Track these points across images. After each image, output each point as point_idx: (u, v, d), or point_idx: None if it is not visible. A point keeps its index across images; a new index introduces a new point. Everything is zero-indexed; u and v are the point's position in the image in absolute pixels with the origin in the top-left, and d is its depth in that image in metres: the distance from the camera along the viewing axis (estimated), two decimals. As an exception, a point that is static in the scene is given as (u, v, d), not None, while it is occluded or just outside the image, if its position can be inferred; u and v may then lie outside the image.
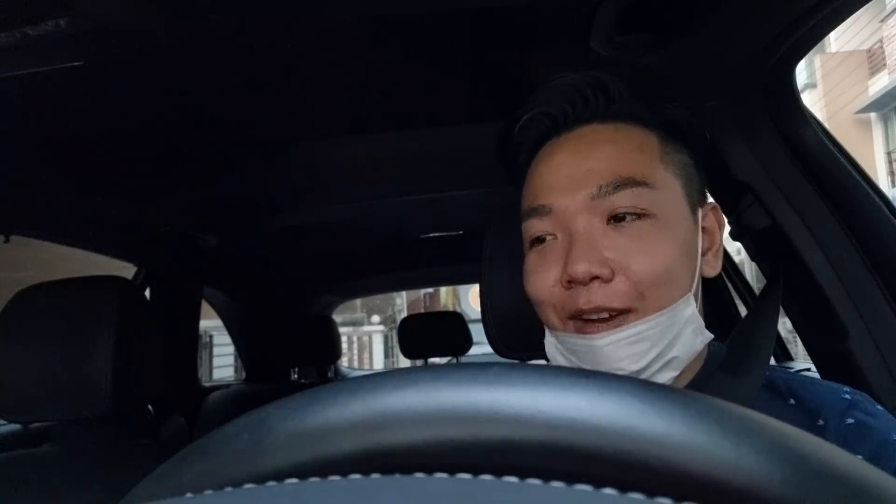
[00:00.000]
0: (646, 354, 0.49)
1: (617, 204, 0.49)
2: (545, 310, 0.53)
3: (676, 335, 0.49)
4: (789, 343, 1.46)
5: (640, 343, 0.49)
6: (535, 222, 0.53)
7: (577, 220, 0.50)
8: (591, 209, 0.50)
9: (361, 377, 0.20)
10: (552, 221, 0.52)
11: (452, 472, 0.15)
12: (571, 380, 0.18)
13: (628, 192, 0.49)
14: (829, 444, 0.17)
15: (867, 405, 0.51)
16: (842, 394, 0.52)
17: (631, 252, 0.49)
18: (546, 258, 0.52)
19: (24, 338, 0.86)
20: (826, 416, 0.50)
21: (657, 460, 0.16)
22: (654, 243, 0.49)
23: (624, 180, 0.49)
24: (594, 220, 0.50)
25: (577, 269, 0.48)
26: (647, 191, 0.50)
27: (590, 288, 0.49)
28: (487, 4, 0.71)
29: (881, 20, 10.34)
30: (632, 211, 0.49)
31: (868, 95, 11.10)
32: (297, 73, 0.88)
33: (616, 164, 0.50)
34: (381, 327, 12.40)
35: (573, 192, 0.51)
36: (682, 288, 0.50)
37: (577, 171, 0.51)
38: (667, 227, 0.50)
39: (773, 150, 0.81)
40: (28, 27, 0.61)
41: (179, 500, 0.17)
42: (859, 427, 0.49)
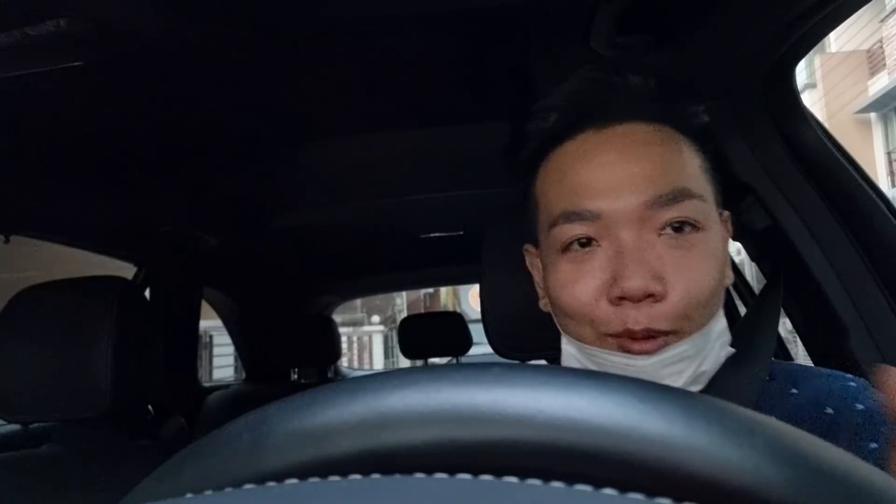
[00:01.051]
0: (683, 372, 0.47)
1: (673, 215, 0.46)
2: (581, 324, 0.49)
3: (709, 351, 0.48)
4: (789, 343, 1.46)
5: (679, 363, 0.47)
6: (574, 227, 0.48)
7: (629, 230, 0.46)
8: (644, 219, 0.46)
9: (361, 377, 0.20)
10: (597, 227, 0.48)
11: (452, 473, 0.15)
12: (572, 380, 0.18)
13: (687, 203, 0.46)
14: (829, 445, 0.17)
15: (871, 391, 0.51)
16: (847, 381, 0.52)
17: (684, 269, 0.46)
18: (585, 267, 0.48)
19: (25, 338, 0.86)
20: (835, 405, 0.50)
21: (657, 461, 0.16)
22: (703, 258, 0.47)
23: (681, 192, 0.46)
24: (645, 231, 0.46)
25: (632, 285, 0.44)
26: (699, 203, 0.47)
27: (639, 307, 0.45)
28: (487, 4, 0.71)
29: (881, 20, 10.34)
30: (691, 222, 0.46)
31: (868, 95, 11.11)
32: (298, 73, 0.88)
33: (671, 171, 0.47)
34: (381, 327, 12.40)
35: (625, 197, 0.47)
36: (718, 304, 0.49)
37: (629, 173, 0.47)
38: (710, 241, 0.48)
39: (773, 151, 0.81)
40: (28, 27, 0.61)
41: (179, 500, 0.17)
42: (870, 412, 0.48)
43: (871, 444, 0.47)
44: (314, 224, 1.68)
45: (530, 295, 0.58)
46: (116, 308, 0.87)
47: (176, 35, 0.71)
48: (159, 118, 0.96)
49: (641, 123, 0.50)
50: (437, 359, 2.44)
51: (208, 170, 1.23)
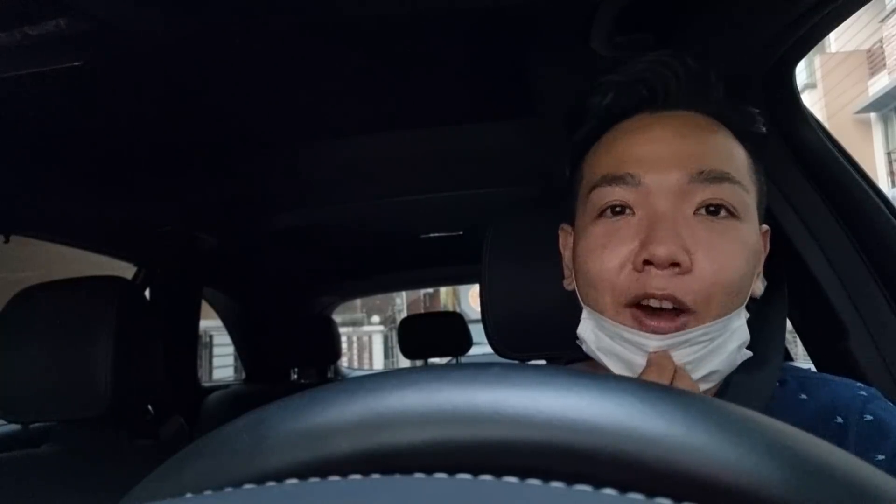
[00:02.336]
0: (685, 358, 0.46)
1: (711, 195, 0.46)
2: (602, 292, 0.49)
3: (721, 345, 0.47)
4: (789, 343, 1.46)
5: (691, 347, 0.46)
6: (615, 190, 0.48)
7: (666, 201, 0.46)
8: (684, 193, 0.46)
9: (361, 377, 0.20)
10: (636, 194, 0.47)
11: (452, 473, 0.15)
12: (571, 380, 0.18)
13: (726, 186, 0.46)
14: (829, 445, 0.17)
15: (881, 401, 0.51)
16: (857, 390, 0.52)
17: (714, 249, 0.45)
18: (617, 234, 0.48)
19: (25, 338, 0.86)
20: (845, 414, 0.50)
21: (657, 461, 0.16)
22: (736, 246, 0.46)
23: (723, 173, 0.46)
24: (684, 206, 0.46)
25: (659, 250, 0.44)
26: (741, 191, 0.47)
27: (664, 274, 0.45)
28: (487, 5, 0.71)
29: (881, 20, 10.34)
30: (727, 205, 0.46)
31: (868, 96, 11.10)
32: (298, 73, 0.88)
33: (718, 155, 0.48)
34: (381, 327, 12.40)
35: (668, 169, 0.47)
36: (741, 300, 0.48)
37: (676, 149, 0.48)
38: (747, 234, 0.48)
39: (772, 151, 0.81)
40: (28, 27, 0.61)
41: (179, 500, 0.17)
42: (879, 423, 0.48)
43: (879, 455, 0.47)
44: (314, 224, 1.68)
45: (530, 295, 0.58)
46: (116, 308, 0.87)
47: (176, 35, 0.71)
48: (159, 118, 0.96)
49: (697, 114, 0.50)
50: (436, 359, 2.44)
51: (208, 170, 1.23)
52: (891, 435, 0.48)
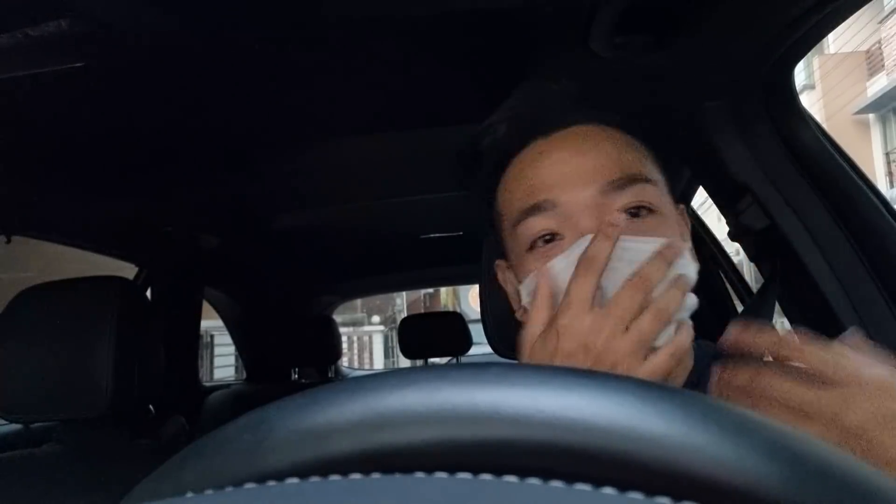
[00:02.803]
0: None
1: (629, 199, 0.48)
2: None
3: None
4: (789, 343, 1.46)
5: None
6: (537, 220, 0.50)
7: (588, 217, 0.48)
8: (601, 205, 0.48)
9: (361, 377, 0.20)
10: (558, 219, 0.49)
11: (452, 472, 0.16)
12: (571, 380, 0.18)
13: (637, 187, 0.48)
14: (829, 445, 0.17)
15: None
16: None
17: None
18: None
19: (26, 338, 0.86)
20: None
21: (656, 460, 0.16)
22: (664, 239, 0.48)
23: (632, 176, 0.49)
24: (605, 217, 0.48)
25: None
26: (651, 187, 0.49)
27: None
28: (487, 5, 0.71)
29: (880, 21, 10.34)
30: (644, 205, 0.48)
31: (866, 96, 11.11)
32: (298, 74, 0.88)
33: (619, 161, 0.49)
34: (381, 327, 12.39)
35: (580, 187, 0.48)
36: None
37: (581, 166, 0.49)
38: (670, 224, 0.50)
39: (771, 151, 0.82)
40: (29, 28, 0.62)
41: (180, 499, 0.17)
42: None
43: None
44: (314, 224, 1.68)
45: None
46: (117, 308, 0.87)
47: (176, 35, 0.71)
48: (160, 118, 0.96)
49: (584, 126, 0.52)
50: (437, 359, 2.44)
51: (209, 170, 1.24)
52: None
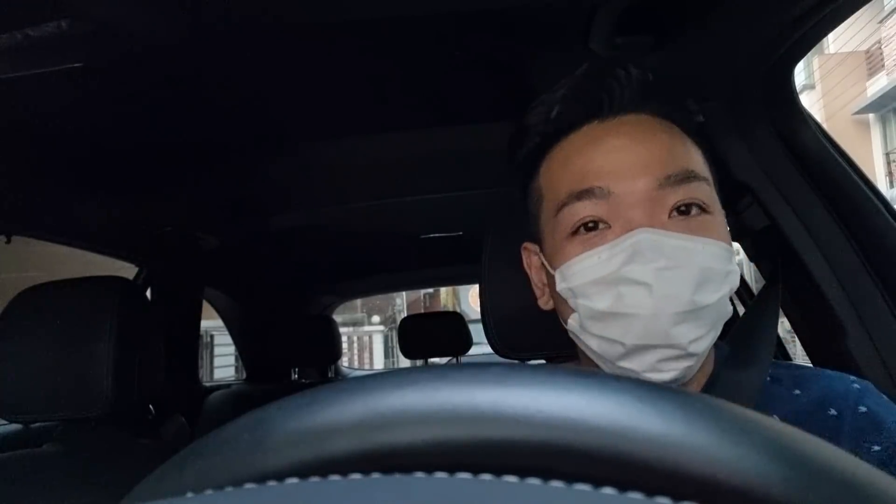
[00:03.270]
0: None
1: (684, 195, 0.47)
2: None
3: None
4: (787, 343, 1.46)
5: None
6: (585, 205, 0.48)
7: (640, 210, 0.46)
8: (655, 199, 0.46)
9: (361, 377, 0.20)
10: (608, 207, 0.47)
11: (452, 472, 0.16)
12: (571, 380, 0.18)
13: (694, 184, 0.47)
14: (829, 444, 0.17)
15: (875, 394, 0.51)
16: (850, 383, 0.52)
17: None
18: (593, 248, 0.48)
19: (26, 338, 0.86)
20: (839, 406, 0.50)
21: (656, 460, 0.16)
22: (713, 239, 0.47)
23: (689, 172, 0.47)
24: (657, 212, 0.47)
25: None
26: (706, 186, 0.48)
27: None
28: (487, 6, 0.71)
29: (880, 21, 10.34)
30: (698, 203, 0.47)
31: (866, 96, 11.10)
32: (298, 74, 0.88)
33: (678, 155, 0.48)
34: (381, 327, 12.39)
35: (635, 176, 0.47)
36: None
37: (639, 156, 0.47)
38: (720, 226, 0.49)
39: (771, 151, 0.82)
40: (29, 28, 0.62)
41: (180, 499, 0.17)
42: (873, 415, 0.49)
43: (874, 447, 0.47)
44: (314, 224, 1.68)
45: (530, 295, 0.58)
46: (117, 308, 0.87)
47: (176, 36, 0.71)
48: (159, 118, 0.96)
49: (643, 115, 0.50)
50: (437, 359, 2.44)
51: (209, 170, 1.24)
52: (885, 427, 0.48)
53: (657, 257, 0.44)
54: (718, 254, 0.47)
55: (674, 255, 0.45)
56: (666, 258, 0.45)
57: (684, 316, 0.45)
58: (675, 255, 0.45)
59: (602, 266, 0.47)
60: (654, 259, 0.44)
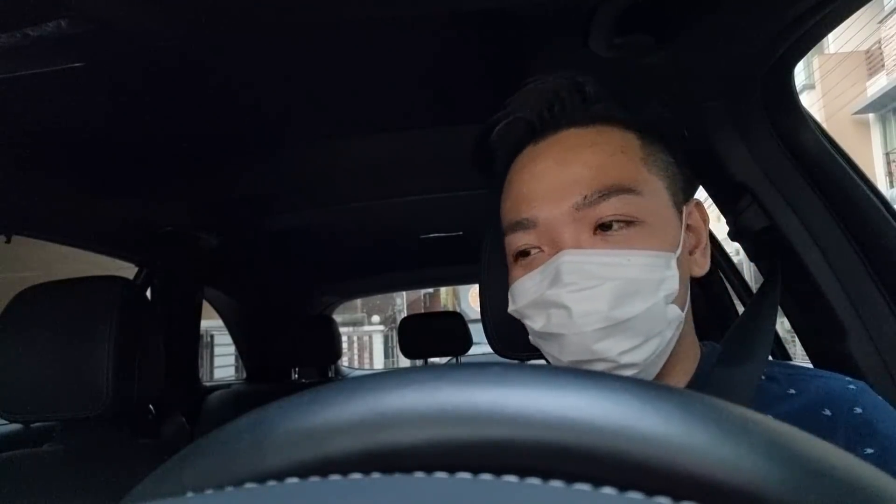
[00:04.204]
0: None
1: (603, 213, 0.49)
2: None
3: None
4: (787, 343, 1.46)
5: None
6: (519, 235, 0.52)
7: (564, 233, 0.49)
8: (577, 220, 0.49)
9: (362, 377, 0.20)
10: (537, 234, 0.51)
11: (452, 472, 0.16)
12: (571, 380, 0.18)
13: (614, 199, 0.48)
14: (828, 444, 0.17)
15: (870, 395, 0.51)
16: (846, 384, 0.52)
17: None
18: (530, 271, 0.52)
19: (26, 338, 0.86)
20: (833, 407, 0.50)
21: (656, 460, 0.16)
22: (638, 249, 0.49)
23: (609, 188, 0.49)
24: (581, 231, 0.49)
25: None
26: (632, 197, 0.49)
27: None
28: (487, 5, 0.71)
29: (879, 21, 10.34)
30: (619, 218, 0.49)
31: (866, 96, 11.10)
32: (298, 74, 0.88)
33: (599, 171, 0.49)
34: (381, 327, 12.39)
35: (557, 202, 0.49)
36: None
37: (559, 180, 0.50)
38: (654, 233, 0.49)
39: (771, 151, 0.82)
40: (29, 28, 0.62)
41: (180, 499, 0.17)
42: (868, 417, 0.49)
43: (868, 449, 0.47)
44: (314, 224, 1.68)
45: None
46: (117, 308, 0.87)
47: (176, 35, 0.71)
48: (159, 118, 0.96)
49: (577, 128, 0.52)
50: (437, 358, 2.44)
51: (209, 170, 1.24)
52: (880, 428, 0.48)
53: (575, 279, 0.47)
54: (646, 263, 0.48)
55: (594, 272, 0.47)
56: (585, 278, 0.47)
57: (606, 332, 0.47)
58: (595, 272, 0.47)
59: (535, 289, 0.51)
60: (572, 281, 0.47)
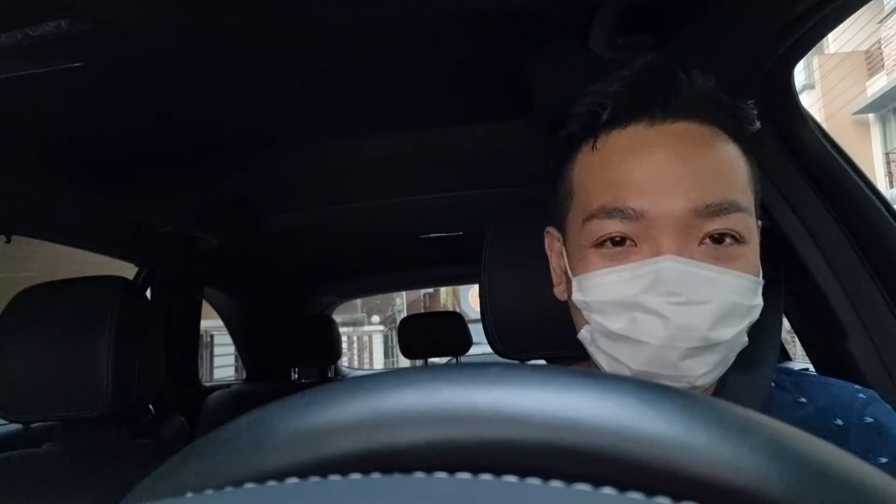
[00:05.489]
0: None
1: (718, 226, 0.44)
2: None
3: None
4: (788, 343, 1.47)
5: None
6: (615, 223, 0.46)
7: (671, 235, 0.44)
8: (688, 226, 0.44)
9: (361, 377, 0.20)
10: (638, 227, 0.45)
11: (452, 472, 0.16)
12: (571, 380, 0.18)
13: (733, 216, 0.44)
14: (829, 444, 0.17)
15: (880, 404, 0.51)
16: (856, 393, 0.52)
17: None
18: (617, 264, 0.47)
19: (26, 338, 0.86)
20: (844, 416, 0.50)
21: (656, 460, 0.16)
22: (741, 271, 0.45)
23: (730, 204, 0.44)
24: (689, 239, 0.44)
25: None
26: (744, 217, 0.45)
27: None
28: (487, 6, 0.71)
29: (879, 21, 10.34)
30: (732, 234, 0.45)
31: (866, 96, 11.11)
32: (298, 74, 0.88)
33: (720, 181, 0.45)
34: (381, 327, 12.40)
35: (671, 199, 0.44)
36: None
37: (678, 174, 0.45)
38: (752, 256, 0.46)
39: (771, 151, 0.81)
40: (29, 28, 0.62)
41: (180, 499, 0.17)
42: (878, 426, 0.49)
43: (881, 458, 0.47)
44: (314, 224, 1.68)
45: (530, 295, 0.58)
46: (117, 308, 0.87)
47: (176, 35, 0.71)
48: (159, 118, 0.96)
49: (696, 123, 0.47)
50: (437, 359, 2.44)
51: (209, 170, 1.24)
52: (891, 437, 0.48)
53: (679, 289, 0.43)
54: (745, 287, 0.45)
55: (697, 286, 0.43)
56: (688, 290, 0.43)
57: (696, 351, 0.44)
58: (698, 286, 0.43)
59: (622, 287, 0.45)
60: (675, 291, 0.43)
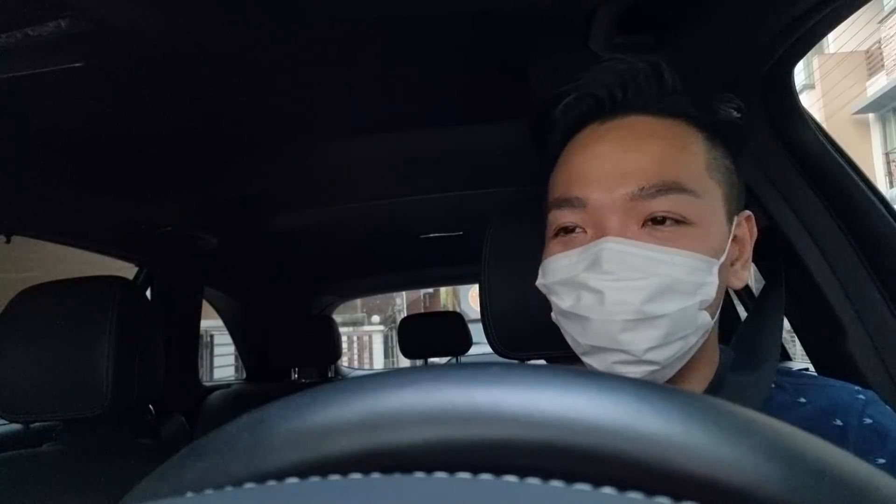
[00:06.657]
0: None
1: (657, 207, 0.47)
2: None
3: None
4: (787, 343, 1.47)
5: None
6: (566, 213, 0.51)
7: (612, 219, 0.48)
8: (628, 209, 0.48)
9: (361, 377, 0.20)
10: (584, 215, 0.50)
11: (452, 472, 0.16)
12: (570, 379, 0.18)
13: (671, 197, 0.47)
14: (828, 444, 0.17)
15: (879, 405, 0.51)
16: (855, 394, 0.52)
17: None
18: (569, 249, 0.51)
19: (26, 338, 0.86)
20: (844, 417, 0.50)
21: (656, 459, 0.16)
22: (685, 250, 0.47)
23: (668, 185, 0.47)
24: (629, 221, 0.48)
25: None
26: (689, 198, 0.48)
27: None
28: (487, 6, 0.71)
29: (879, 21, 10.34)
30: (671, 216, 0.47)
31: (866, 96, 11.11)
32: (298, 74, 0.88)
33: (662, 165, 0.48)
34: (381, 327, 12.39)
35: (612, 188, 0.48)
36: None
37: (619, 166, 0.48)
38: (702, 237, 0.48)
39: (771, 151, 0.82)
40: (29, 28, 0.62)
41: (180, 499, 0.17)
42: (878, 427, 0.49)
43: (879, 459, 0.47)
44: (314, 224, 1.68)
45: (530, 295, 0.58)
46: (117, 308, 0.87)
47: (176, 35, 0.71)
48: (159, 118, 0.96)
49: (647, 117, 0.51)
50: (437, 358, 2.44)
51: (208, 170, 1.24)
52: (890, 438, 0.48)
53: (614, 268, 0.47)
54: (689, 265, 0.47)
55: (636, 265, 0.46)
56: (623, 268, 0.46)
57: (633, 324, 0.46)
58: (637, 265, 0.46)
59: (570, 269, 0.50)
60: (612, 270, 0.47)
